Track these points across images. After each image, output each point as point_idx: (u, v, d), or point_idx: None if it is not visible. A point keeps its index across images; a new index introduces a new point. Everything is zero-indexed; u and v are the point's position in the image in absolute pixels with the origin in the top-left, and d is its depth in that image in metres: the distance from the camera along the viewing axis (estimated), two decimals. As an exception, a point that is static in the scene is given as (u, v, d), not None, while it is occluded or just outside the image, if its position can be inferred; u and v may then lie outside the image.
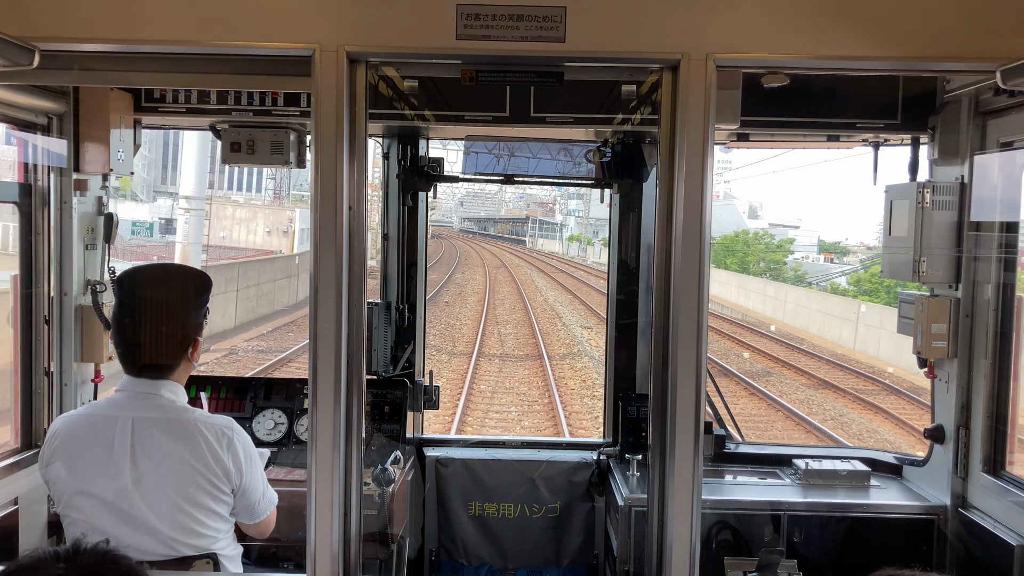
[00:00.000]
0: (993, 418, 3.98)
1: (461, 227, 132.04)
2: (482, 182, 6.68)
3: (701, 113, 2.64)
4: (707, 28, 2.64)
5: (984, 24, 2.66)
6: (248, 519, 3.18)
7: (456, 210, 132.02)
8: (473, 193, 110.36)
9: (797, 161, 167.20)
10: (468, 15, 2.62)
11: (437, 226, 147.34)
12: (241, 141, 4.32)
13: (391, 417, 4.81)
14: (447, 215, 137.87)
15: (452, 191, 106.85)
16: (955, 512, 4.15)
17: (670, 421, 2.69)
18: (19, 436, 4.03)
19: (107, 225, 4.37)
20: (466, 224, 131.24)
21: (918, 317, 4.19)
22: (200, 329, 3.18)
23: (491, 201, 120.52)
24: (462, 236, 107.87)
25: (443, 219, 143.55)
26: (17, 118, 3.86)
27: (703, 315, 2.68)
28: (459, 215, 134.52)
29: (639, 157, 4.85)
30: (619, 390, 5.12)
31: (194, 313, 3.16)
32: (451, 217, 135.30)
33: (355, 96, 2.71)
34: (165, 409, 3.03)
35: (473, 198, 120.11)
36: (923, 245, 4.06)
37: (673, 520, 2.68)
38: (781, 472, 4.70)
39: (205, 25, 2.66)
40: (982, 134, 3.95)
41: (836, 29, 2.65)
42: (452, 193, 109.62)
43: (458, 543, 5.06)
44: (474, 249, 74.45)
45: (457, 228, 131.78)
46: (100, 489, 2.93)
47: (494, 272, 47.69)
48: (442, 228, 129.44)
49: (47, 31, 2.65)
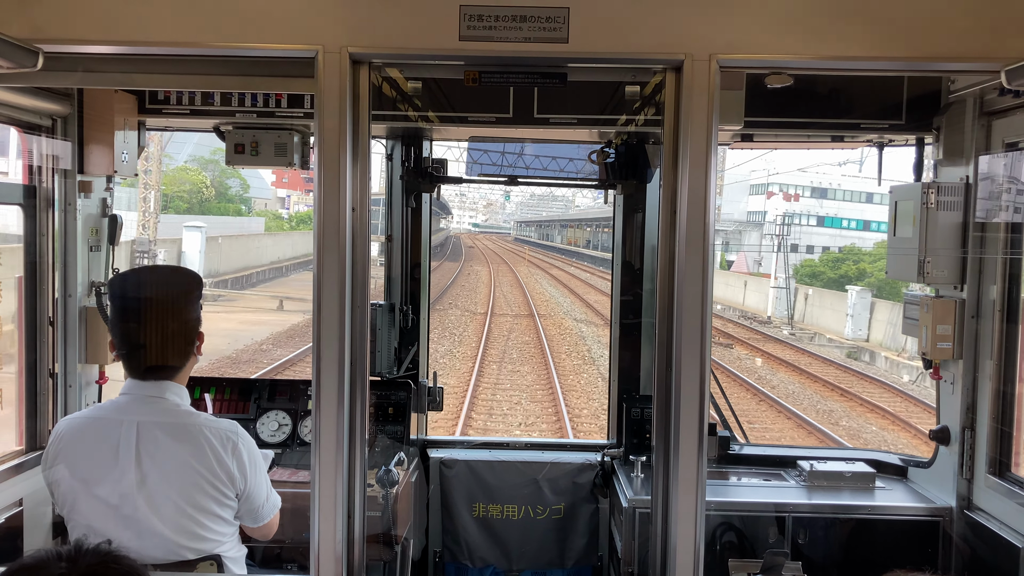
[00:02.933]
0: (999, 420, 3.96)
1: (520, 234, 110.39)
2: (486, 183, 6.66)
3: (705, 113, 2.63)
4: (710, 29, 2.64)
5: (989, 24, 2.65)
6: (252, 522, 3.18)
7: (517, 212, 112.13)
8: (530, 192, 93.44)
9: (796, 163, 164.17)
10: (471, 16, 2.62)
11: (489, 234, 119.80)
12: (245, 143, 4.32)
13: (395, 418, 4.80)
14: (507, 218, 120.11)
15: (511, 193, 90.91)
16: (960, 514, 4.13)
17: (674, 422, 2.68)
18: (23, 438, 4.04)
19: (111, 227, 4.38)
20: (524, 232, 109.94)
21: (923, 318, 4.17)
22: (200, 323, 3.20)
23: (558, 201, 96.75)
24: (512, 251, 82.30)
25: (500, 226, 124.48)
26: (21, 120, 3.86)
27: (707, 316, 2.67)
28: (518, 218, 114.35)
29: (643, 158, 4.85)
30: (623, 392, 5.10)
31: (193, 308, 3.19)
32: (510, 220, 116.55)
33: (358, 97, 2.71)
34: (170, 413, 3.03)
35: (532, 199, 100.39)
36: (928, 246, 4.05)
37: (677, 522, 2.68)
38: (786, 474, 4.69)
39: (209, 27, 2.66)
40: (987, 134, 3.94)
41: (840, 29, 2.65)
42: (509, 193, 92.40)
43: (462, 544, 5.06)
44: (527, 281, 43.88)
45: (514, 236, 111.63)
46: (104, 492, 2.93)
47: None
48: (491, 238, 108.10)
49: (51, 33, 2.65)
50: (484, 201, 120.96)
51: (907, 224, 4.18)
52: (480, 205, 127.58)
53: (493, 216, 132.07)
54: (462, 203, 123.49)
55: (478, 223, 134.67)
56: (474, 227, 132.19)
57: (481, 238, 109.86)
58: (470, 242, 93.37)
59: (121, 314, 3.19)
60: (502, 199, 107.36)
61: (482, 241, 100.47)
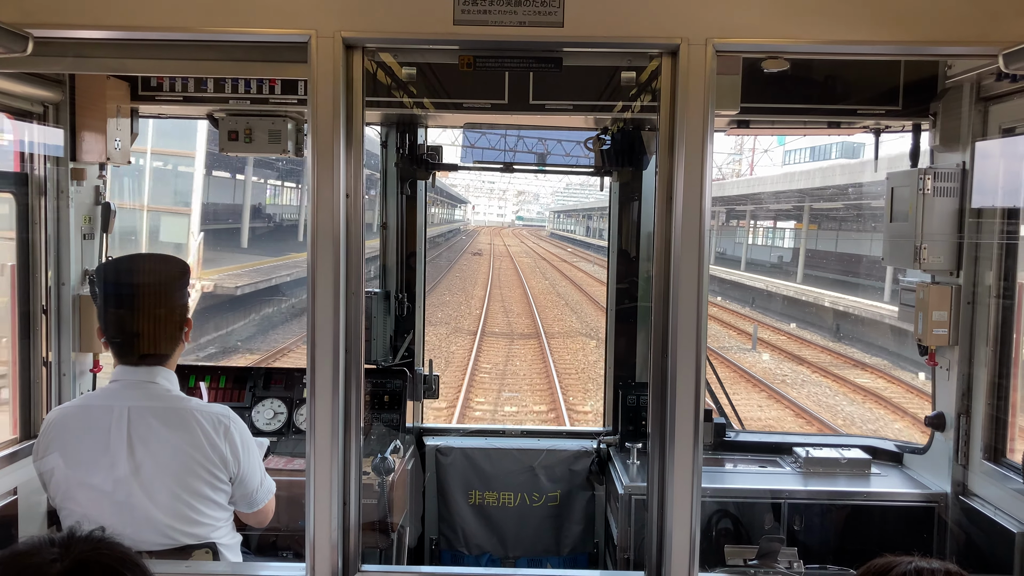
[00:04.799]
0: (994, 405, 3.97)
1: (557, 227, 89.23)
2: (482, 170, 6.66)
3: (701, 99, 2.61)
4: (706, 12, 2.62)
5: (987, 8, 2.64)
6: (247, 508, 3.18)
7: (553, 200, 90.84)
8: (566, 182, 67.64)
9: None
10: (466, 0, 2.60)
11: (520, 227, 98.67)
12: (239, 130, 4.30)
13: (391, 406, 4.81)
14: (543, 208, 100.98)
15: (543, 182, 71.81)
16: (956, 499, 4.15)
17: (670, 409, 2.68)
18: (18, 426, 4.03)
19: (104, 214, 4.36)
20: (563, 225, 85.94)
21: (919, 304, 4.17)
22: (188, 309, 3.20)
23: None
24: (544, 255, 56.92)
25: (532, 218, 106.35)
26: (13, 107, 3.83)
27: (703, 303, 2.66)
28: (554, 207, 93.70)
29: (639, 145, 4.83)
30: (619, 379, 5.11)
31: (180, 294, 3.20)
32: (544, 211, 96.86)
33: (352, 82, 2.69)
34: (161, 398, 3.03)
35: (568, 188, 76.82)
36: (924, 232, 4.04)
37: (673, 508, 2.67)
38: (781, 460, 4.70)
39: (201, 11, 2.64)
40: (984, 120, 3.93)
41: (837, 13, 2.63)
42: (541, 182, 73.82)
43: (458, 532, 5.06)
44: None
45: (550, 231, 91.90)
46: (98, 480, 2.93)
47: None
48: (519, 234, 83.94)
49: (41, 17, 2.62)
50: (514, 190, 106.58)
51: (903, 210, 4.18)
52: (508, 193, 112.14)
53: (524, 206, 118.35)
54: (490, 192, 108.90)
55: (504, 214, 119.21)
56: (511, 219, 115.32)
57: (505, 235, 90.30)
58: (486, 241, 69.90)
59: (110, 301, 3.19)
60: (535, 187, 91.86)
61: (505, 239, 77.24)
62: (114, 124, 4.14)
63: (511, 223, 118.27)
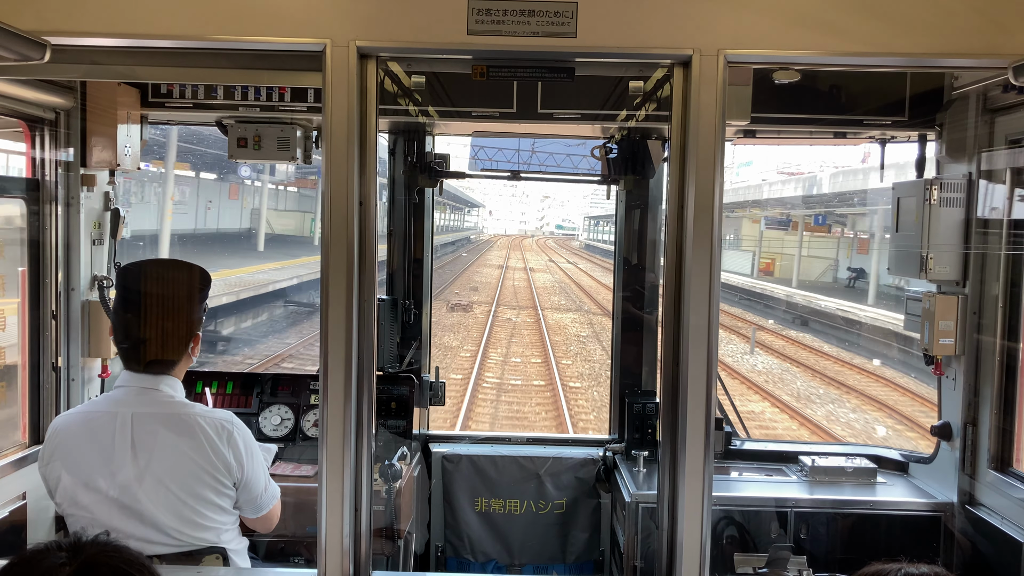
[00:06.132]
0: (1001, 415, 3.98)
1: (594, 237, 75.07)
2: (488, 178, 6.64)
3: (713, 109, 2.63)
4: (718, 24, 2.64)
5: (996, 20, 2.65)
6: (252, 513, 3.18)
7: (589, 204, 77.28)
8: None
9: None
10: (479, 10, 2.62)
11: (548, 236, 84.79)
12: (248, 137, 4.32)
13: (397, 413, 4.81)
14: (569, 215, 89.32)
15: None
16: (962, 509, 4.15)
17: (681, 418, 2.69)
18: (27, 432, 4.04)
19: (114, 220, 4.38)
20: (602, 233, 70.64)
21: (925, 314, 4.18)
22: (200, 324, 3.20)
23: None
24: (569, 285, 38.82)
25: (566, 226, 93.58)
26: (26, 113, 3.86)
27: (714, 312, 2.67)
28: (588, 214, 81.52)
29: (645, 153, 4.85)
30: (625, 387, 5.11)
31: (197, 307, 3.19)
32: (570, 218, 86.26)
33: (366, 91, 2.71)
34: (164, 404, 3.04)
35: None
36: (931, 242, 4.06)
37: (684, 516, 2.68)
38: (787, 469, 4.71)
39: (218, 20, 2.66)
40: (990, 131, 3.95)
41: (848, 25, 2.65)
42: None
43: (464, 539, 5.07)
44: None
45: (583, 242, 78.00)
46: (103, 485, 2.93)
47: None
48: (545, 248, 70.80)
49: (57, 25, 2.64)
50: (539, 194, 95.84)
51: (909, 220, 4.19)
52: (531, 198, 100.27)
53: (551, 211, 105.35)
54: (511, 195, 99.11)
55: (526, 220, 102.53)
56: (535, 226, 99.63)
57: (527, 247, 76.06)
58: (496, 261, 51.68)
59: (125, 305, 3.19)
60: (564, 190, 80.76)
61: (526, 254, 61.97)
62: (124, 131, 4.16)
63: (536, 230, 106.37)
